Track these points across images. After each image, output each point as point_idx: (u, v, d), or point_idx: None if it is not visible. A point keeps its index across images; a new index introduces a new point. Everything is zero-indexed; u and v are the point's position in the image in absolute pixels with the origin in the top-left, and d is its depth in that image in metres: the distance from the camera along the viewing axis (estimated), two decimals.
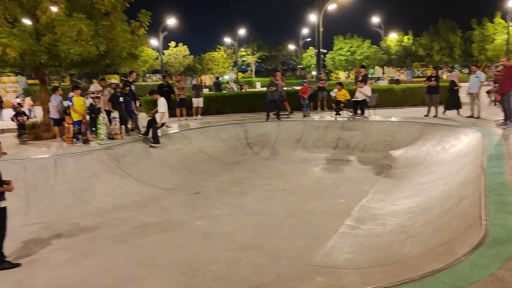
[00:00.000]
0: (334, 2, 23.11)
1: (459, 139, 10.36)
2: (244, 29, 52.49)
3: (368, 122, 13.39)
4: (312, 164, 11.63)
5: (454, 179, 7.39)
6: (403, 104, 19.16)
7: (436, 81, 13.63)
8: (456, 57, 42.04)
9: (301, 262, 5.54)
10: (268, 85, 14.82)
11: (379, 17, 47.74)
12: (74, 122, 10.89)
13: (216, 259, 5.73)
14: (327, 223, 6.90)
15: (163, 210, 8.10)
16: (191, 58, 48.96)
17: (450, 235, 4.76)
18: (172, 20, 36.43)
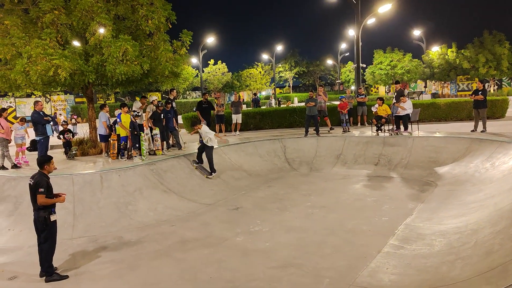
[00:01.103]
0: (373, 16, 22.86)
1: (510, 155, 9.81)
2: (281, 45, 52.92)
3: (411, 138, 12.98)
4: (353, 181, 11.39)
5: (506, 198, 6.99)
6: (447, 119, 18.51)
7: (483, 94, 13.07)
8: (504, 69, 40.20)
9: (343, 282, 5.38)
10: (307, 100, 14.77)
11: (420, 30, 46.70)
12: (121, 138, 11.29)
13: (256, 276, 5.68)
14: (370, 242, 6.68)
15: (203, 226, 8.17)
16: (230, 75, 49.88)
17: (504, 258, 4.48)
18: (211, 38, 37.38)
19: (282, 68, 66.76)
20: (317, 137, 14.47)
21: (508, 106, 19.04)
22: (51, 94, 34.63)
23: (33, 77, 10.49)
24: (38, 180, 5.82)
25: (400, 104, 13.71)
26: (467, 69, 41.71)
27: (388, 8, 20.39)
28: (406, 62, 43.54)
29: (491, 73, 40.68)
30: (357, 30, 20.30)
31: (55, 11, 11.05)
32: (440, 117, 18.66)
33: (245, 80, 51.02)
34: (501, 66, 39.99)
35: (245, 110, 19.07)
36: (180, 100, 42.31)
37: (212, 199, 10.05)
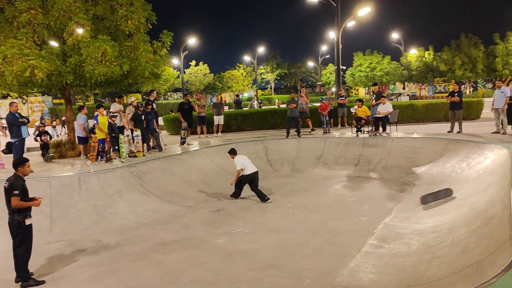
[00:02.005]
0: (353, 19, 23.18)
1: (485, 155, 10.08)
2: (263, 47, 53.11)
3: (390, 139, 13.20)
4: (333, 182, 11.51)
5: (481, 198, 7.17)
6: (425, 120, 18.90)
7: (459, 96, 13.39)
8: (479, 72, 41.32)
9: (324, 282, 5.42)
10: (288, 102, 14.87)
11: (399, 33, 47.59)
12: (98, 140, 11.11)
13: (238, 278, 5.68)
14: (350, 242, 6.77)
15: (184, 228, 8.12)
16: (211, 77, 49.76)
17: (480, 256, 4.60)
18: (193, 39, 37.23)
19: (264, 69, 66.98)
20: (298, 138, 14.56)
21: (483, 108, 19.57)
22: (28, 95, 33.82)
23: (8, 78, 10.24)
24: (13, 182, 5.68)
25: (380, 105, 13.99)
26: (444, 71, 42.69)
27: (368, 11, 20.72)
28: (385, 64, 44.29)
29: (467, 76, 41.76)
30: (337, 32, 20.54)
31: (31, 11, 10.83)
32: (418, 118, 19.05)
33: (227, 81, 51.01)
34: (476, 69, 41.10)
35: (227, 112, 19.06)
36: (161, 102, 41.95)
37: (193, 201, 10.00)
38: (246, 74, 54.01)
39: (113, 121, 11.12)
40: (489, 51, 41.67)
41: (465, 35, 42.16)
